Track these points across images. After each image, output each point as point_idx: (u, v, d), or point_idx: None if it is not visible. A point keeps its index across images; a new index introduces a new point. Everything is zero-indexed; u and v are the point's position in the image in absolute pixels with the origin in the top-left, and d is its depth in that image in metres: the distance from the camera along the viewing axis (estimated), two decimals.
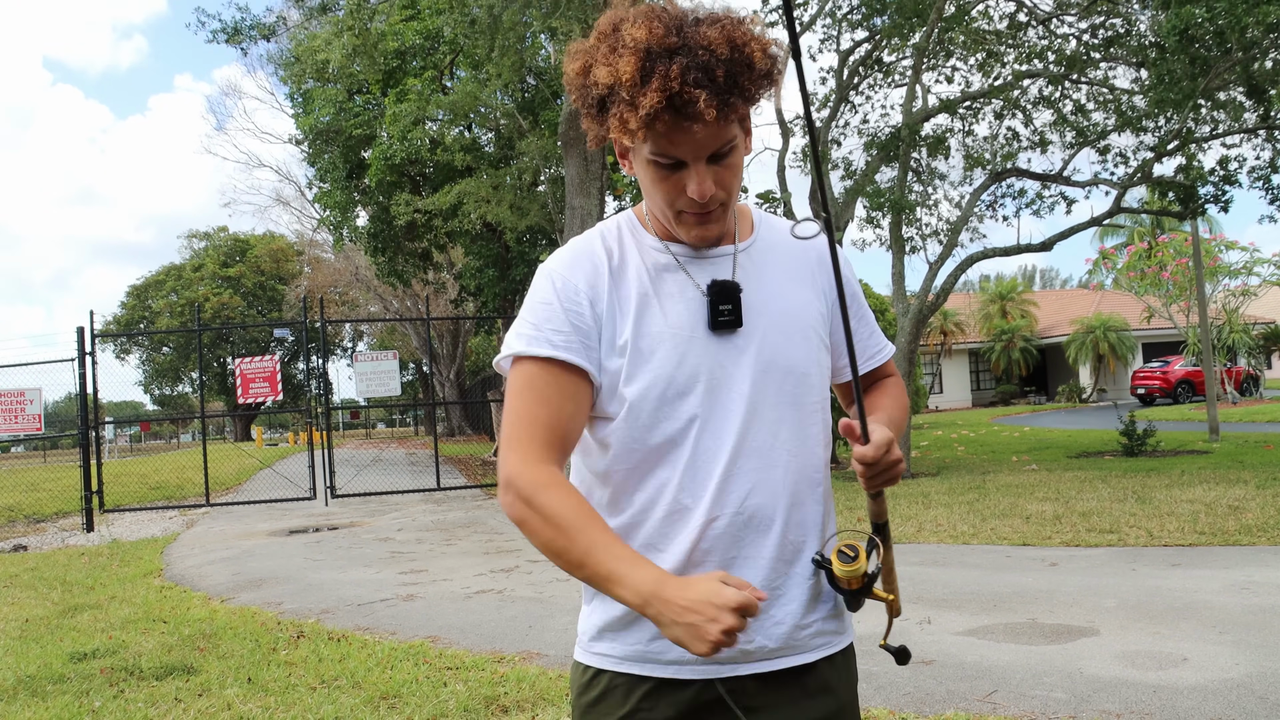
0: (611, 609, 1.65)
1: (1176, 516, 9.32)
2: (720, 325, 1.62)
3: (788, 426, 1.65)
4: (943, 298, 16.06)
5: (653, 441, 1.62)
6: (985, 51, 16.52)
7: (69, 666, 6.04)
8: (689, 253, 1.67)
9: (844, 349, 1.75)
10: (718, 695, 1.61)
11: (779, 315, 1.67)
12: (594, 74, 1.51)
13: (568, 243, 1.72)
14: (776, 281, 1.71)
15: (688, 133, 1.50)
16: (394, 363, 18.56)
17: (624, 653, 1.64)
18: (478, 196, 18.84)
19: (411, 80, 21.10)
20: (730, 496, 1.60)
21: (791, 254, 1.75)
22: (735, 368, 1.62)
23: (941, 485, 13.47)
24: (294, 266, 57.13)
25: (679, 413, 1.61)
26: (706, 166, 1.55)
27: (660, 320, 1.62)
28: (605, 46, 1.51)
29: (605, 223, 1.74)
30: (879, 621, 1.79)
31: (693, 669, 1.61)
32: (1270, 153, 14.80)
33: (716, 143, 1.54)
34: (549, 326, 1.61)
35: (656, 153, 1.54)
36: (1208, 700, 4.32)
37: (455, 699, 4.93)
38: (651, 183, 1.60)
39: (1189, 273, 27.14)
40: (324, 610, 7.49)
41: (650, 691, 1.62)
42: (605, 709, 1.65)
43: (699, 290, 1.64)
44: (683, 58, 1.45)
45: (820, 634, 1.68)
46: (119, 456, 40.23)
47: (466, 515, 13.79)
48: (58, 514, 17.56)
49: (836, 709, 1.68)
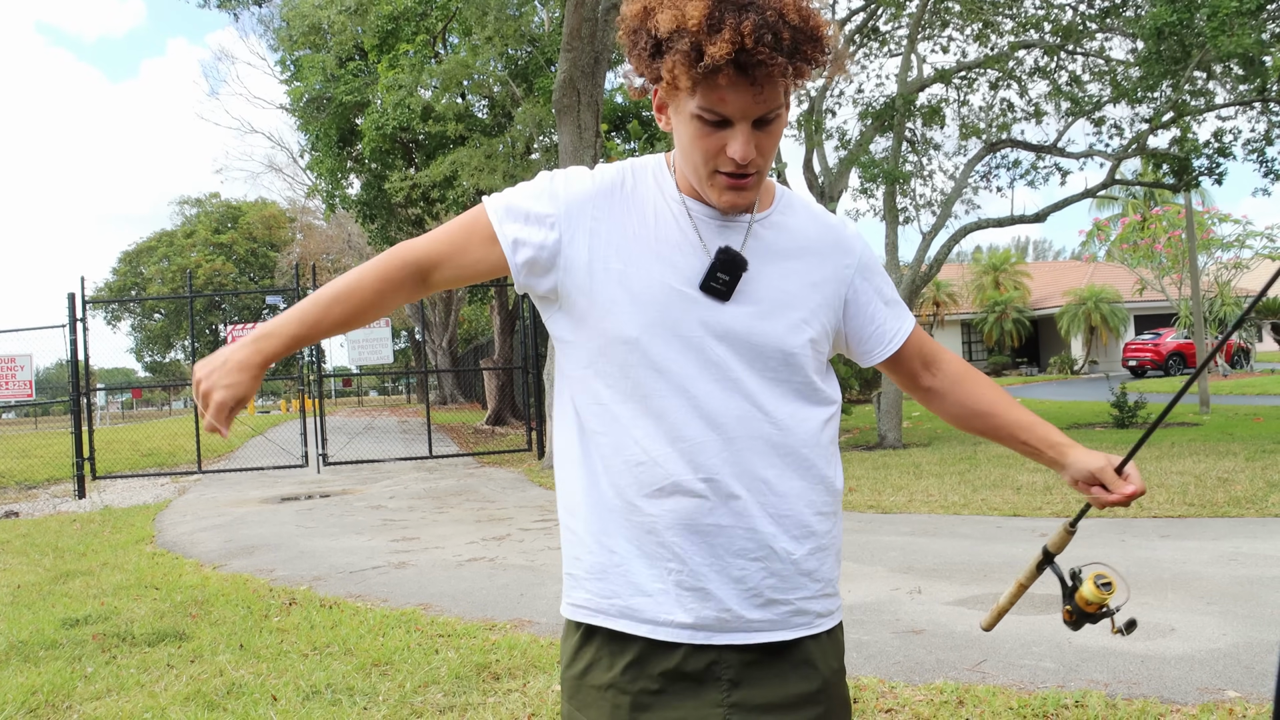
0: (582, 557, 1.68)
1: (1166, 488, 9.37)
2: (709, 289, 1.60)
3: (771, 402, 1.63)
4: (936, 268, 16.07)
5: (625, 387, 1.62)
6: (981, 21, 16.44)
7: (61, 632, 6.05)
8: (706, 213, 1.66)
9: (866, 331, 1.79)
10: (704, 665, 1.61)
11: (777, 292, 1.66)
12: (655, 16, 1.48)
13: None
14: (784, 259, 1.69)
15: (743, 92, 1.48)
16: (386, 330, 18.52)
17: (602, 605, 1.65)
18: (471, 166, 18.75)
19: (404, 46, 20.93)
20: (705, 462, 1.59)
21: (806, 232, 1.73)
22: (720, 335, 1.61)
23: (933, 456, 13.51)
24: (286, 233, 56.98)
25: (654, 364, 1.60)
26: (750, 129, 1.53)
27: (655, 266, 1.61)
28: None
29: (630, 160, 1.74)
30: (868, 592, 1.80)
31: (667, 631, 1.61)
32: (1265, 125, 14.79)
33: (766, 107, 1.51)
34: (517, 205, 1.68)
35: (705, 107, 1.51)
36: (1195, 670, 4.35)
37: (447, 666, 4.95)
38: (691, 139, 1.57)
39: (1182, 245, 27.15)
40: (316, 577, 7.51)
41: (634, 660, 1.62)
42: (592, 678, 1.66)
43: (705, 250, 1.62)
44: (754, 15, 1.43)
45: (801, 613, 1.67)
46: (111, 423, 40.20)
47: (458, 483, 13.80)
48: (49, 481, 17.55)
49: (820, 685, 1.67)
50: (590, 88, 14.13)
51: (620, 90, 23.66)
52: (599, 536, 1.65)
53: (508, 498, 11.89)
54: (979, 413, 1.88)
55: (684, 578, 1.60)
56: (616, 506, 1.63)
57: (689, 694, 1.61)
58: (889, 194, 15.97)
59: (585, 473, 1.67)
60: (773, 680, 1.63)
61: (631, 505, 1.62)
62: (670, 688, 1.61)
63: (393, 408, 50.14)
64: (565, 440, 1.72)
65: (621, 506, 1.62)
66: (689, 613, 1.60)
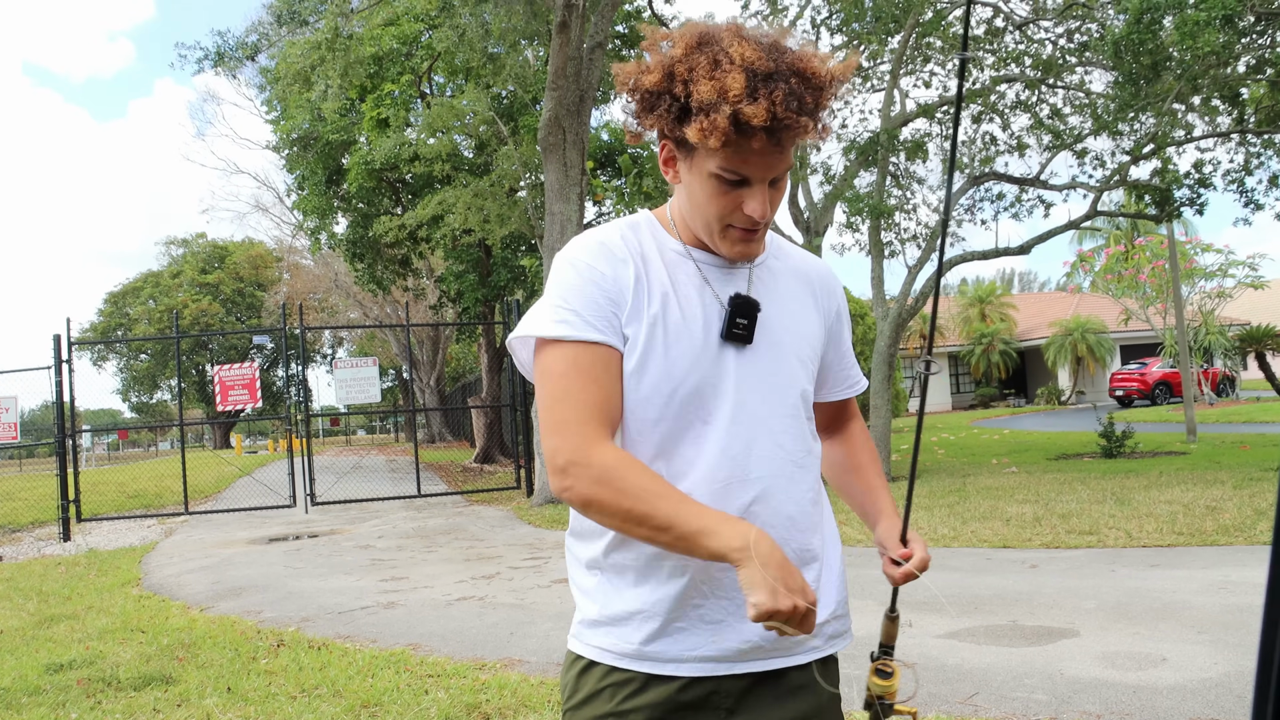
0: (615, 602, 1.68)
1: (1155, 517, 9.38)
2: (732, 337, 1.66)
3: (791, 439, 1.70)
4: (922, 301, 16.13)
5: (655, 439, 1.65)
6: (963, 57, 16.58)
7: (45, 678, 5.99)
8: (710, 260, 1.72)
9: (831, 372, 1.89)
10: (704, 694, 1.64)
11: (786, 334, 1.74)
12: (692, 86, 1.53)
13: (585, 233, 1.74)
14: (783, 300, 1.76)
15: (768, 155, 1.55)
16: (374, 369, 18.49)
17: (623, 649, 1.66)
18: (458, 206, 18.81)
19: (389, 86, 21.06)
20: (732, 504, 1.63)
21: (796, 275, 1.82)
22: (744, 379, 1.67)
23: (922, 488, 13.51)
24: (273, 273, 56.92)
25: (687, 414, 1.65)
26: (766, 188, 1.60)
27: (679, 320, 1.65)
28: (705, 59, 1.53)
29: (624, 220, 1.77)
30: (859, 626, 1.80)
31: (692, 666, 1.64)
32: (1244, 155, 14.92)
33: (783, 166, 1.59)
34: (587, 311, 1.63)
35: (726, 168, 1.57)
36: (1186, 700, 4.35)
37: (437, 707, 4.91)
38: (708, 196, 1.62)
39: (1165, 275, 27.33)
40: (304, 618, 7.45)
41: (634, 691, 1.64)
42: (592, 710, 1.67)
43: (717, 300, 1.68)
44: (781, 84, 1.50)
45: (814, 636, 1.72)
46: (96, 465, 39.93)
47: (447, 522, 13.74)
48: (34, 523, 17.42)
49: (816, 707, 1.70)
50: (576, 125, 14.22)
51: (606, 128, 23.82)
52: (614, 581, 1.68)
53: (497, 536, 11.84)
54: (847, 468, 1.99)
55: (706, 613, 1.64)
56: (644, 551, 1.65)
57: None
58: (874, 228, 16.05)
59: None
60: (770, 705, 1.66)
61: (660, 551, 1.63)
62: (669, 717, 1.63)
63: (381, 446, 49.97)
64: None
65: (651, 551, 1.64)
66: (712, 645, 1.64)
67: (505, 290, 23.49)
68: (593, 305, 1.63)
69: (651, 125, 1.62)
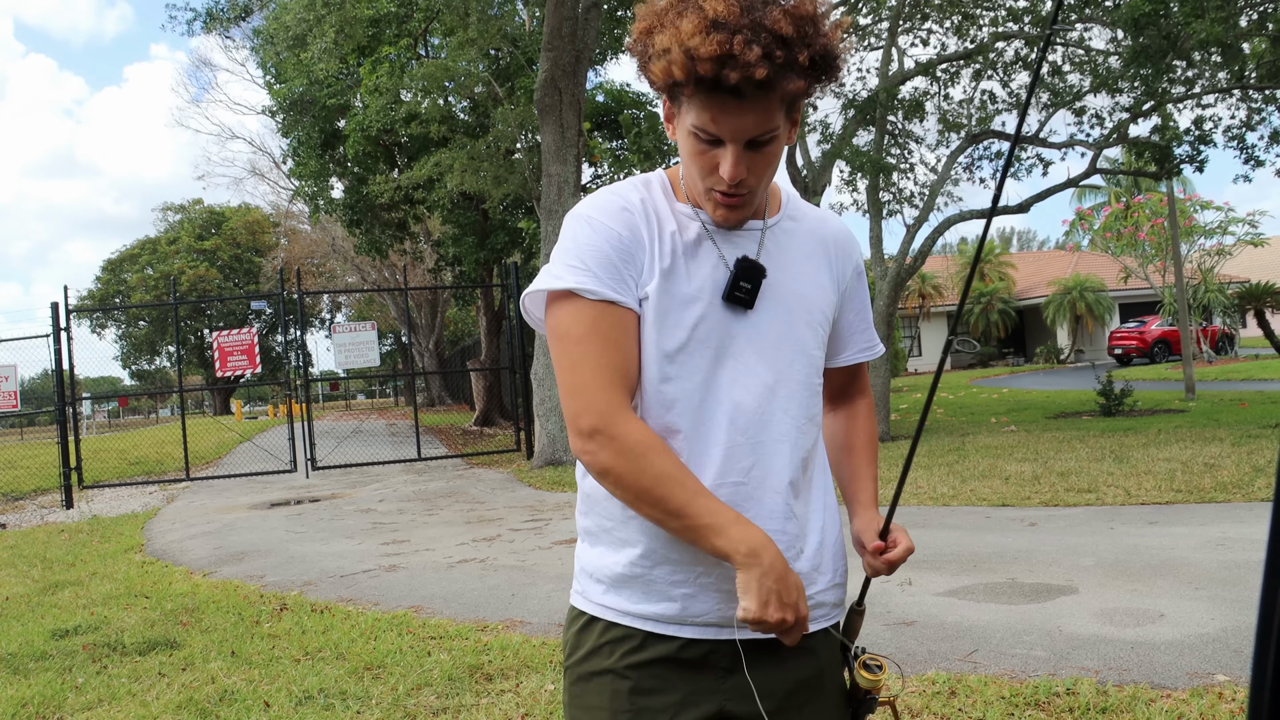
0: (619, 560, 1.67)
1: (1153, 475, 9.41)
2: (734, 300, 1.64)
3: (797, 405, 1.69)
4: (920, 260, 16.10)
5: (661, 399, 1.63)
6: (961, 14, 16.47)
7: (51, 643, 6.03)
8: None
9: (845, 336, 1.86)
10: (702, 653, 1.64)
11: (796, 297, 1.71)
12: (655, 36, 1.51)
13: (599, 190, 1.71)
14: (796, 263, 1.73)
15: (732, 113, 1.51)
16: (372, 334, 18.48)
17: (626, 608, 1.67)
18: (455, 168, 18.71)
19: (386, 48, 20.88)
20: (736, 465, 1.63)
21: (812, 236, 1.78)
22: (748, 342, 1.65)
23: (921, 447, 13.54)
24: (270, 239, 56.75)
25: (690, 374, 1.63)
26: (743, 151, 1.56)
27: (685, 282, 1.63)
28: (672, 12, 1.51)
29: (637, 178, 1.74)
30: (858, 585, 1.81)
31: (694, 630, 1.64)
32: (1245, 112, 14.84)
33: (757, 129, 1.53)
34: (604, 271, 1.60)
35: (697, 126, 1.55)
36: (1184, 655, 4.38)
37: (439, 668, 4.95)
38: (688, 155, 1.60)
39: (1164, 233, 27.25)
40: (307, 582, 7.49)
41: (634, 647, 1.65)
42: (592, 664, 1.69)
43: (724, 262, 1.65)
44: (746, 32, 1.45)
45: (819, 606, 1.72)
46: (97, 432, 39.99)
47: (448, 485, 13.79)
48: (36, 491, 17.49)
49: (818, 671, 1.71)
50: (572, 86, 14.12)
51: (602, 89, 23.64)
52: (623, 545, 1.68)
53: (497, 498, 11.88)
54: (840, 445, 1.94)
55: (712, 580, 1.63)
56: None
57: (686, 680, 1.64)
58: (872, 187, 16.00)
59: None
60: (770, 666, 1.66)
61: None
62: (668, 673, 1.64)
63: (380, 411, 50.02)
64: None
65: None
66: (717, 613, 1.64)
67: (503, 253, 23.39)
68: (609, 265, 1.61)
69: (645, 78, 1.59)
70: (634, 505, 1.58)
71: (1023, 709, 3.92)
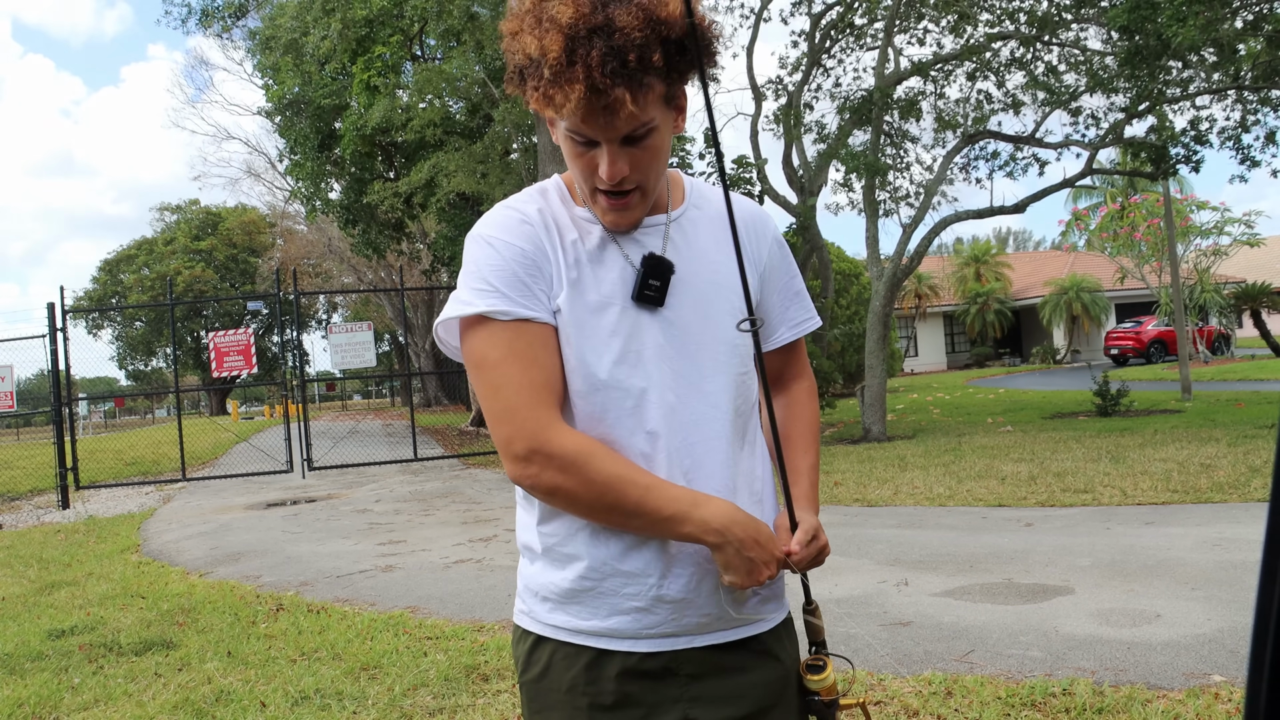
0: (564, 576, 1.62)
1: (1150, 475, 9.42)
2: (644, 298, 1.59)
3: (727, 399, 1.64)
4: (917, 261, 16.11)
5: (590, 410, 1.59)
6: (957, 13, 16.48)
7: (47, 644, 6.02)
8: None
9: (774, 315, 1.79)
10: (660, 664, 1.60)
11: (712, 287, 1.65)
12: (520, 41, 1.47)
13: (496, 207, 1.66)
14: (708, 252, 1.68)
15: (598, 115, 1.47)
16: (369, 334, 18.48)
17: (580, 626, 1.62)
18: (450, 170, 18.70)
19: (380, 48, 20.85)
20: (675, 469, 1.58)
21: (721, 222, 1.71)
22: (667, 340, 1.60)
23: (917, 448, 13.55)
24: (266, 239, 56.71)
25: (614, 382, 1.58)
26: (620, 148, 1.52)
27: (594, 289, 1.59)
28: (531, 18, 1.46)
29: (533, 187, 1.69)
30: (856, 585, 1.81)
31: (649, 643, 1.60)
32: (1240, 113, 14.86)
33: (629, 126, 1.49)
34: (512, 289, 1.56)
35: (572, 130, 1.51)
36: (1180, 655, 4.38)
37: (436, 668, 4.94)
38: (569, 158, 1.57)
39: (1161, 233, 27.26)
40: (303, 582, 7.49)
41: (591, 662, 1.61)
42: (550, 681, 1.64)
43: (628, 262, 1.61)
44: (601, 41, 1.40)
45: (766, 600, 1.68)
46: (93, 433, 39.96)
47: (444, 485, 13.78)
48: (32, 491, 17.46)
49: (783, 674, 1.68)
50: None
51: None
52: (569, 559, 1.62)
53: (493, 499, 11.88)
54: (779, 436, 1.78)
55: (665, 590, 1.59)
56: (595, 526, 1.60)
57: (648, 691, 1.60)
58: (868, 187, 16.00)
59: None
60: (734, 672, 1.63)
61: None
62: (628, 686, 1.60)
63: (377, 411, 50.01)
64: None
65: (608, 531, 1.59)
66: (673, 622, 1.60)
67: None
68: (516, 283, 1.55)
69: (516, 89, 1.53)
70: (591, 516, 1.55)
71: (1019, 709, 3.92)
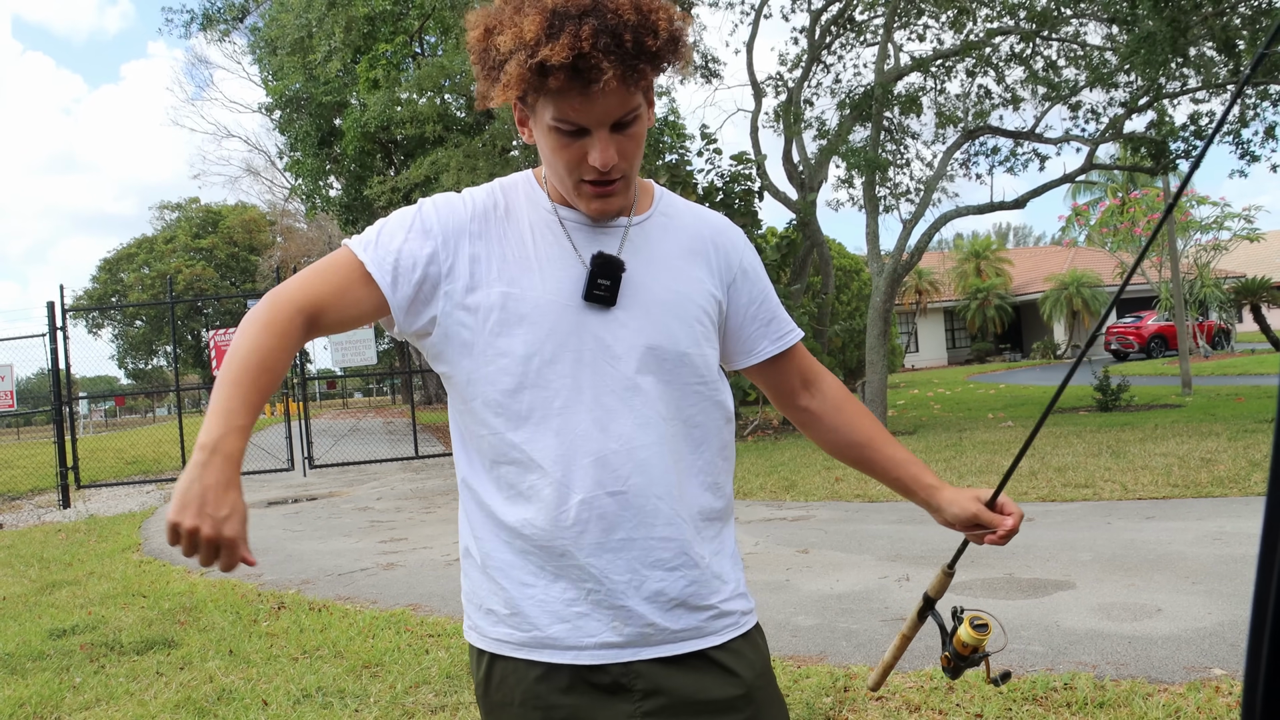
0: (500, 590, 1.61)
1: (1150, 470, 9.42)
2: (593, 298, 1.57)
3: (667, 405, 1.61)
4: (917, 257, 16.11)
5: (515, 410, 1.57)
6: (957, 9, 16.47)
7: (48, 643, 6.02)
8: (579, 219, 1.62)
9: (749, 330, 1.76)
10: (610, 679, 1.58)
11: (664, 293, 1.62)
12: (496, 37, 1.46)
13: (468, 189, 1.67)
14: (668, 258, 1.65)
15: (592, 99, 1.45)
16: (369, 331, 18.43)
17: (521, 639, 1.60)
18: (452, 166, 18.68)
19: (382, 45, 20.84)
20: (614, 474, 1.56)
21: (688, 233, 1.70)
22: (613, 343, 1.57)
23: (919, 443, 13.55)
24: (266, 237, 56.76)
25: (548, 382, 1.56)
26: (610, 135, 1.50)
27: (539, 284, 1.57)
28: (510, 9, 1.46)
29: (503, 178, 1.69)
30: (856, 581, 1.81)
31: (592, 654, 1.57)
32: (1240, 108, 14.84)
33: (621, 110, 1.49)
34: (388, 256, 1.56)
35: (558, 118, 1.49)
36: (1181, 649, 4.38)
37: (437, 666, 4.95)
38: (552, 150, 1.54)
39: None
40: (304, 581, 7.49)
41: (542, 675, 1.59)
42: (503, 696, 1.62)
43: (580, 260, 1.59)
44: (593, 19, 1.40)
45: (724, 615, 1.65)
46: (94, 432, 40.00)
47: (445, 483, 13.78)
48: (33, 491, 17.47)
49: (743, 691, 1.63)
50: None
51: None
52: (509, 570, 1.61)
53: None
54: (856, 443, 1.84)
55: (603, 597, 1.57)
56: (528, 535, 1.58)
57: (600, 705, 1.58)
58: (869, 183, 15.99)
59: (491, 506, 1.62)
60: (689, 687, 1.59)
61: (543, 531, 1.57)
62: (580, 700, 1.58)
63: (378, 409, 50.03)
64: (465, 475, 1.68)
65: (535, 534, 1.57)
66: (614, 631, 1.58)
67: None
68: (397, 256, 1.56)
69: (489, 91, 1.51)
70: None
71: (1020, 704, 3.92)
